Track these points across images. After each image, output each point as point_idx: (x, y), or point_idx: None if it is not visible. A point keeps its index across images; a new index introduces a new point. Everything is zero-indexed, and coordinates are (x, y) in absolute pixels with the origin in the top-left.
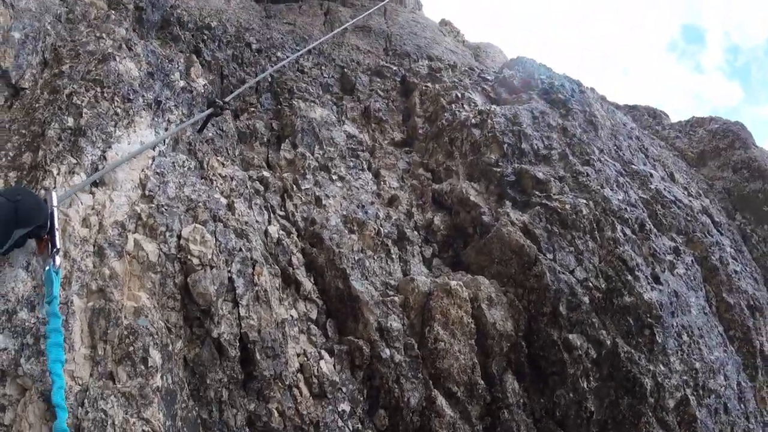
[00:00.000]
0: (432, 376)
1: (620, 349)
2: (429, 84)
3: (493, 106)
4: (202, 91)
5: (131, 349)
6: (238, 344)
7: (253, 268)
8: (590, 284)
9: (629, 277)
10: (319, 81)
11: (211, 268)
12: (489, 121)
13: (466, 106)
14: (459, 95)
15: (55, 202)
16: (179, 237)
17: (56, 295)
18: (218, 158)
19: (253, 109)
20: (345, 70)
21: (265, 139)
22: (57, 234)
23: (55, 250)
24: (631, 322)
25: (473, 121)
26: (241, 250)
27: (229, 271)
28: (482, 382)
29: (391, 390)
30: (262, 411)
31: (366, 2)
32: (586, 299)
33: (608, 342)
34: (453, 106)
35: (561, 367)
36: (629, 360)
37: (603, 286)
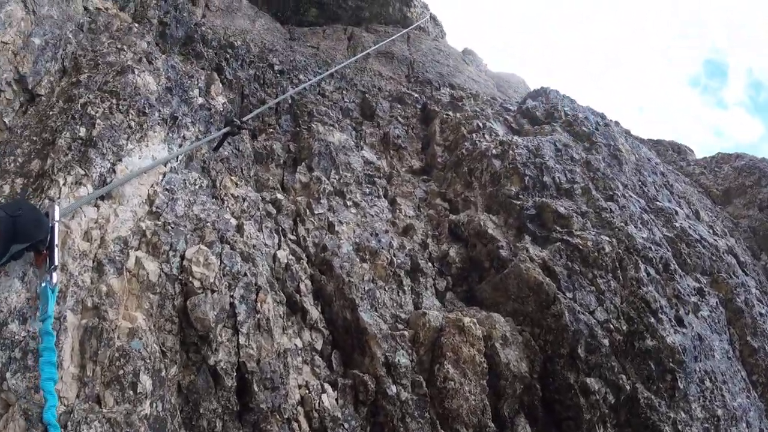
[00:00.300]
0: (439, 416)
1: (640, 394)
2: (450, 112)
3: (515, 137)
4: (221, 109)
5: (121, 372)
6: (235, 374)
7: (257, 295)
8: (611, 326)
9: (652, 320)
10: (340, 105)
11: (212, 292)
12: (510, 152)
13: (487, 136)
14: (480, 125)
15: (57, 217)
16: (183, 257)
17: (51, 314)
18: (232, 178)
19: (271, 130)
20: (366, 95)
21: (282, 161)
22: (56, 250)
23: (53, 266)
24: (652, 367)
25: (494, 151)
26: (246, 274)
27: (231, 296)
28: (492, 425)
29: (396, 429)
30: None
31: (389, 29)
32: (606, 342)
33: (627, 387)
34: (474, 135)
35: (576, 412)
36: (649, 406)
37: (624, 328)
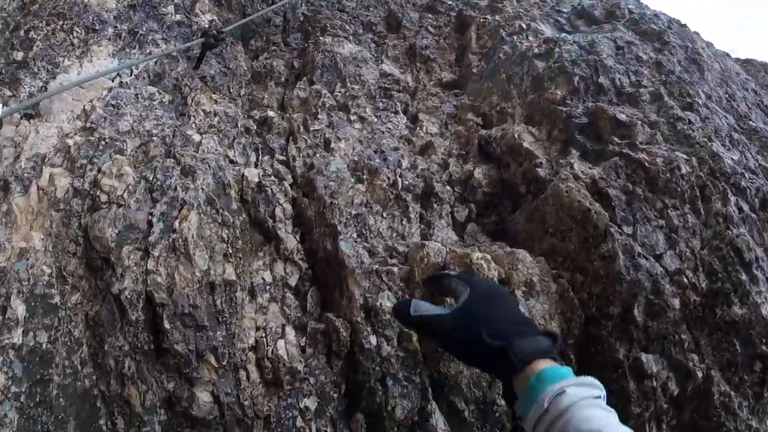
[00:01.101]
0: (432, 382)
1: (715, 387)
2: (488, 16)
3: (564, 34)
4: (207, 27)
5: None
6: (141, 305)
7: (180, 211)
8: (685, 280)
9: (743, 277)
10: (361, 19)
11: (119, 206)
12: (557, 49)
13: (530, 37)
14: (524, 26)
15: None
16: (99, 170)
17: None
18: (213, 96)
19: (274, 48)
20: (392, 6)
21: (283, 79)
22: None
23: None
24: (737, 347)
25: (536, 51)
26: (176, 189)
27: (150, 214)
28: (502, 402)
29: (373, 392)
30: (184, 393)
31: None
32: (676, 302)
33: (699, 373)
34: (514, 37)
35: (623, 401)
36: (724, 407)
37: (704, 285)
